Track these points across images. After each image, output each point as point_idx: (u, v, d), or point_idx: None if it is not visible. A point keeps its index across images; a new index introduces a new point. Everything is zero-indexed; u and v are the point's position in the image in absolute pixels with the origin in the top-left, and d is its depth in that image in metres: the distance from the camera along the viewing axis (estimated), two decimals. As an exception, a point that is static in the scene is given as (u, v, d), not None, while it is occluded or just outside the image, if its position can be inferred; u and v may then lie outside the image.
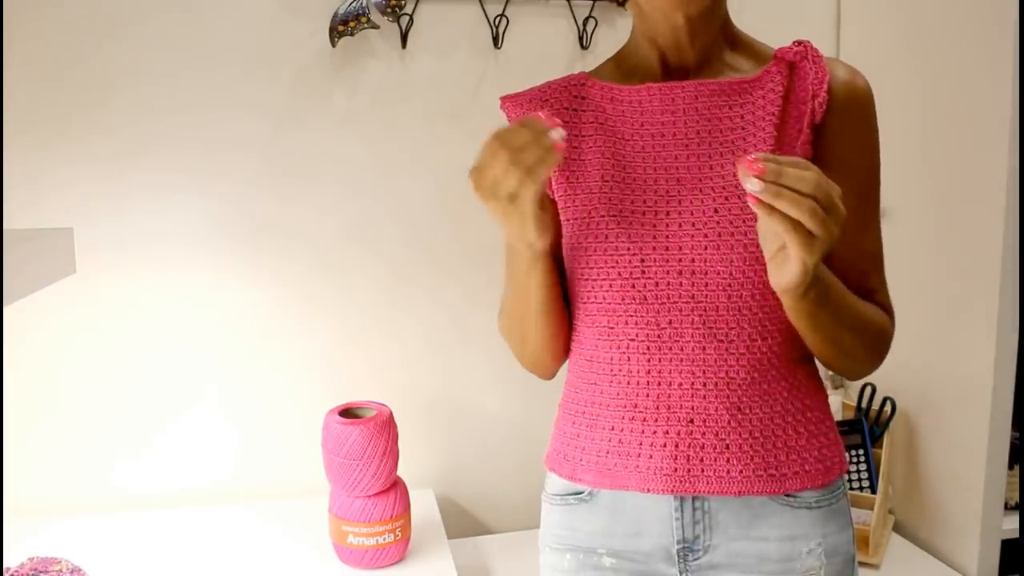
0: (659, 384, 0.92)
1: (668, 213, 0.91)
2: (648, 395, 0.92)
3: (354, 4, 1.50)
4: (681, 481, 0.91)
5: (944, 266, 1.48)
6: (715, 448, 0.91)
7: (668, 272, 0.91)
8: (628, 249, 0.92)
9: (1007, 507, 1.47)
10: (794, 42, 0.95)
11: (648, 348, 0.92)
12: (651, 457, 0.92)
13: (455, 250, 1.63)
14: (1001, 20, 1.32)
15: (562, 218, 0.97)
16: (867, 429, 1.61)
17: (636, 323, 0.92)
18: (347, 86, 1.56)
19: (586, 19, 1.61)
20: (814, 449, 0.94)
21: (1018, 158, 1.33)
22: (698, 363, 0.91)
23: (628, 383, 0.93)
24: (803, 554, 0.95)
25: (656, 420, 0.92)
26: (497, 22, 1.58)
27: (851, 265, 0.94)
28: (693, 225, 0.90)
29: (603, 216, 0.93)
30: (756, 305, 0.90)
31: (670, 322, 0.91)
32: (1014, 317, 1.38)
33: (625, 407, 0.94)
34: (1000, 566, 1.46)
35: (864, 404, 1.64)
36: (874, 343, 0.95)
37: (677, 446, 0.92)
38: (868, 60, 0.96)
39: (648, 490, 0.93)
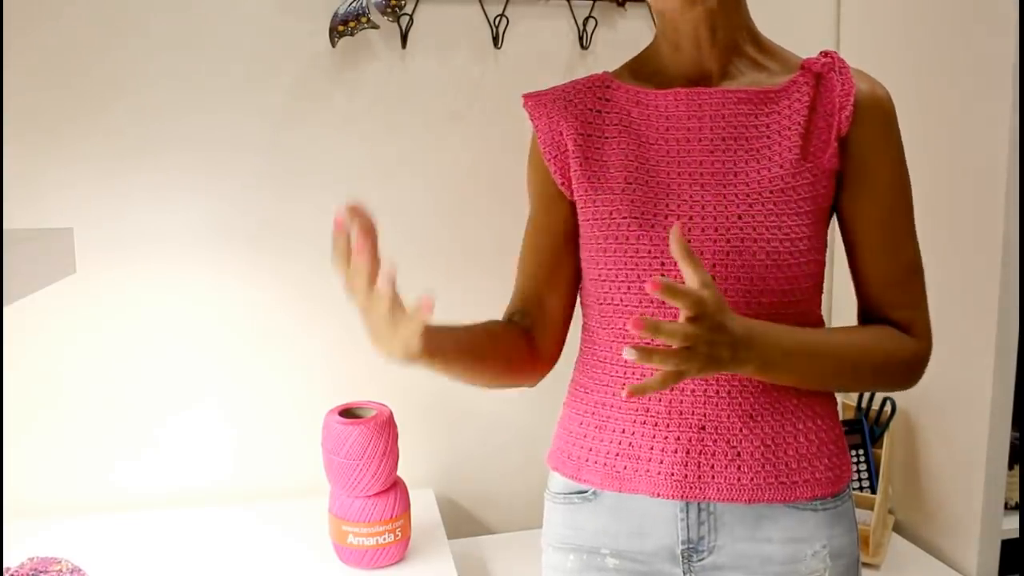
0: (671, 390, 0.92)
1: (691, 218, 0.91)
2: (660, 400, 0.93)
3: (354, 4, 1.50)
4: (691, 487, 0.92)
5: (944, 266, 1.48)
6: (726, 455, 0.91)
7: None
8: (649, 252, 0.91)
9: (1007, 507, 1.47)
10: (821, 53, 0.95)
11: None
12: (662, 462, 0.92)
13: (455, 249, 1.63)
14: (1001, 20, 1.32)
15: (581, 218, 0.97)
16: (867, 429, 1.61)
17: None
18: (347, 86, 1.56)
19: (586, 19, 1.61)
20: (824, 457, 0.94)
21: (1018, 158, 1.33)
22: None
23: None
24: (807, 556, 0.95)
25: (668, 426, 0.92)
26: (497, 22, 1.58)
27: (882, 278, 0.95)
28: (716, 231, 0.90)
29: (625, 218, 0.92)
30: (773, 313, 0.90)
31: None
32: (1014, 317, 1.38)
33: (637, 411, 0.94)
34: (1000, 566, 1.46)
35: (864, 404, 1.64)
36: (883, 373, 0.94)
37: (688, 452, 0.92)
38: (868, 60, 0.96)
39: (657, 495, 0.93)
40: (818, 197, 0.91)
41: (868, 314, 0.99)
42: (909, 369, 0.95)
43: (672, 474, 0.92)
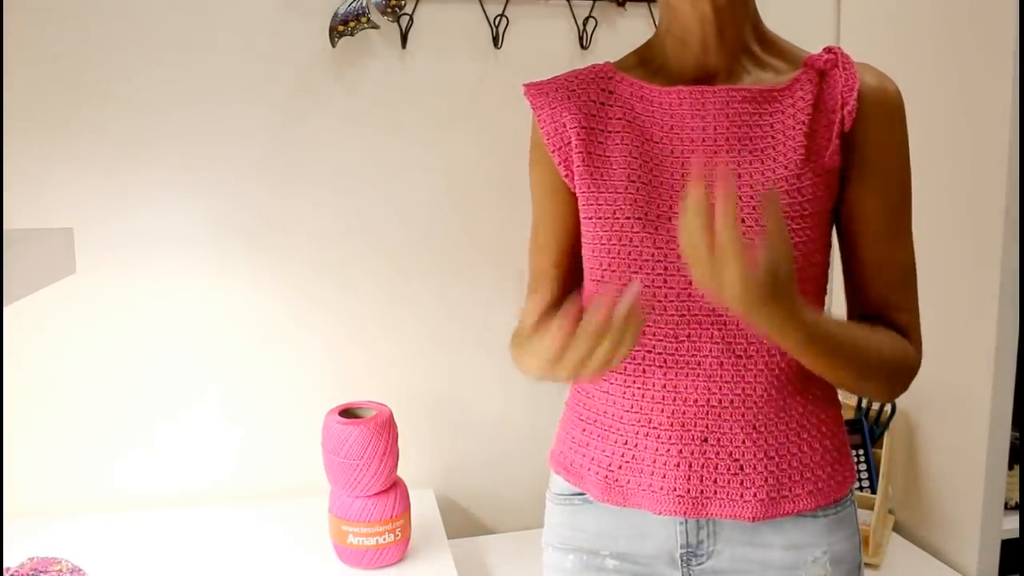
0: (674, 400, 0.91)
1: None
2: (663, 411, 0.91)
3: (354, 4, 1.50)
4: (694, 503, 0.91)
5: (943, 267, 1.48)
6: (729, 469, 0.90)
7: (690, 283, 0.89)
8: (652, 255, 0.90)
9: (1007, 507, 1.47)
10: (825, 48, 0.93)
11: (665, 361, 0.91)
12: (664, 476, 0.91)
13: (455, 249, 1.63)
14: (1001, 20, 1.32)
15: (583, 216, 0.95)
16: (867, 429, 1.60)
17: (655, 335, 0.91)
18: (347, 86, 1.56)
19: (586, 19, 1.61)
20: (827, 465, 0.93)
21: (1018, 158, 1.32)
22: (715, 379, 0.90)
23: (643, 397, 0.92)
24: (808, 562, 0.94)
25: (670, 438, 0.91)
26: (497, 22, 1.58)
27: (876, 275, 0.93)
28: None
29: (628, 218, 0.91)
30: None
31: (688, 335, 0.90)
32: (1014, 317, 1.38)
33: (639, 422, 0.93)
34: (1000, 566, 1.46)
35: (864, 404, 1.64)
36: (887, 373, 0.91)
37: (691, 466, 0.91)
38: (868, 60, 0.96)
39: (660, 512, 0.92)
40: (821, 198, 0.90)
41: (865, 316, 0.95)
42: (906, 375, 0.94)
43: (675, 489, 0.91)
